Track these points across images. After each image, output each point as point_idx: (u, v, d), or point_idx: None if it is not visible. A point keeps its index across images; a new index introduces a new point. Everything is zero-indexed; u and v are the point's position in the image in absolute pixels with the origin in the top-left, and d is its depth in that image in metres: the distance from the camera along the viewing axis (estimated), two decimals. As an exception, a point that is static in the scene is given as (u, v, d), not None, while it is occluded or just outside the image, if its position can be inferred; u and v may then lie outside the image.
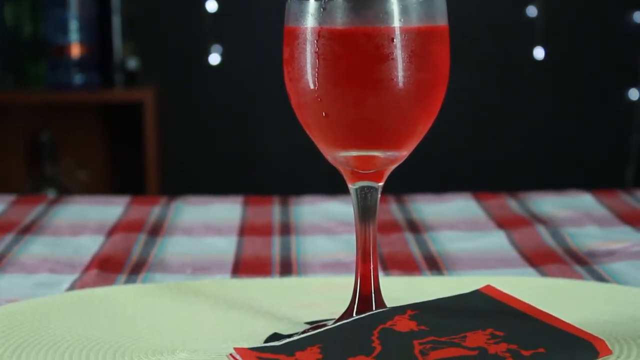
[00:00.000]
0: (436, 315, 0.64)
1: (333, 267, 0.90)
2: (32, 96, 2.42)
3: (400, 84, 0.62)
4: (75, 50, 2.37)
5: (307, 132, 0.66)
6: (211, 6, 2.48)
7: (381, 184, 0.66)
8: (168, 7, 2.52)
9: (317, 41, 0.63)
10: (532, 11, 2.46)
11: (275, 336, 0.68)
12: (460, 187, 1.80)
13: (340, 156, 0.65)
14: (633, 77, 2.48)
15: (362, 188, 0.66)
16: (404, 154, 0.66)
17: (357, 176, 0.66)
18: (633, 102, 2.48)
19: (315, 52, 0.63)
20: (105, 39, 2.42)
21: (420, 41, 0.63)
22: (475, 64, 2.48)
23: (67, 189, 2.43)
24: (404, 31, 0.62)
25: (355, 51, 0.62)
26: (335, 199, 1.18)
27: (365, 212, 0.66)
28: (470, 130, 2.53)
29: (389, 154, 0.65)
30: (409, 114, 0.64)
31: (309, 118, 0.65)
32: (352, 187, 0.66)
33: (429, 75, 0.63)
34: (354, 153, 0.65)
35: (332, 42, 0.62)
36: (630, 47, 2.47)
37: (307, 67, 0.63)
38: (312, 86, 0.64)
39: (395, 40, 0.62)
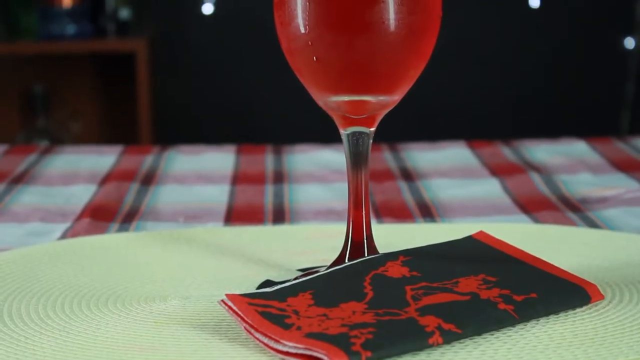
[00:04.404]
0: (428, 261, 0.64)
1: (326, 215, 0.90)
2: (23, 47, 2.40)
3: (392, 27, 0.62)
4: (67, 0, 2.35)
5: (299, 77, 0.66)
6: (203, -45, 2.45)
7: (373, 129, 0.66)
8: (160, -44, 2.50)
9: (307, -16, 0.62)
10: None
11: (267, 283, 0.68)
12: (454, 135, 1.79)
13: (331, 101, 0.65)
14: (629, 26, 2.47)
15: (354, 133, 0.66)
16: (395, 98, 0.65)
17: (349, 121, 0.65)
18: (628, 51, 2.47)
19: (306, -4, 0.62)
20: (97, -12, 2.40)
21: (412, -16, 0.62)
22: (470, 11, 2.47)
23: (60, 140, 2.43)
24: (396, -27, 0.61)
25: (346, -6, 0.61)
26: (328, 147, 1.17)
27: (357, 158, 0.66)
28: (465, 78, 2.52)
29: (381, 98, 0.64)
30: (401, 57, 0.63)
31: (300, 63, 0.64)
32: (343, 132, 0.66)
33: (420, 18, 0.63)
34: (346, 98, 0.64)
35: (322, -16, 0.61)
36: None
37: (298, 11, 0.63)
38: (302, 30, 0.63)
39: (386, -18, 0.61)
